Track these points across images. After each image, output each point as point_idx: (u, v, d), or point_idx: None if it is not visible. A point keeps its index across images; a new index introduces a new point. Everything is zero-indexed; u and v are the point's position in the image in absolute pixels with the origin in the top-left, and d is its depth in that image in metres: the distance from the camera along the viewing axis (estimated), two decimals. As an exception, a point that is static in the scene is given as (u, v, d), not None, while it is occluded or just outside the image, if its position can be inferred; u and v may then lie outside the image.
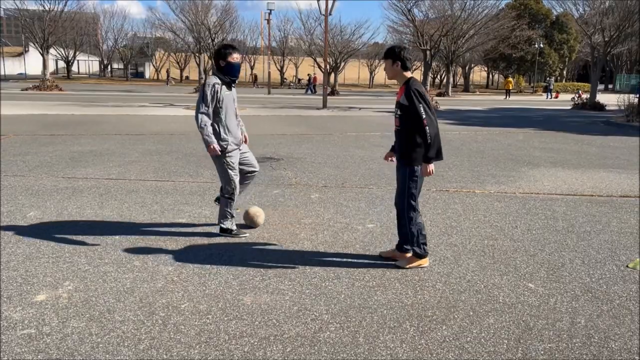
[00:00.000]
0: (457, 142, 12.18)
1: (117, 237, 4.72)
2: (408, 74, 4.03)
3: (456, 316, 3.33)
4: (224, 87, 4.49)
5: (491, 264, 4.27)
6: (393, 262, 4.20)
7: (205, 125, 4.44)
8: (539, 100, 37.87)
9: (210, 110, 4.46)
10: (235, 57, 4.52)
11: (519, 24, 43.98)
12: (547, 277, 4.00)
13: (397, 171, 4.19)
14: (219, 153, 4.52)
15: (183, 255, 4.29)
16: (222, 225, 4.78)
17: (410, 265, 4.12)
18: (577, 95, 38.32)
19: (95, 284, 3.67)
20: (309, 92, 41.39)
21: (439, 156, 3.97)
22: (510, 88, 42.39)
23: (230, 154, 4.61)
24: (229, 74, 4.52)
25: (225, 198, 4.73)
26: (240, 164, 4.76)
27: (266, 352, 2.85)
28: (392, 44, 4.63)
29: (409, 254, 4.21)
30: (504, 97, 40.95)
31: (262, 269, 4.02)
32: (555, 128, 16.34)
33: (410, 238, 4.11)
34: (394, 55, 3.97)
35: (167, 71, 55.61)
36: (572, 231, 5.23)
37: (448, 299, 3.57)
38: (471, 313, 3.37)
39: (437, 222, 5.42)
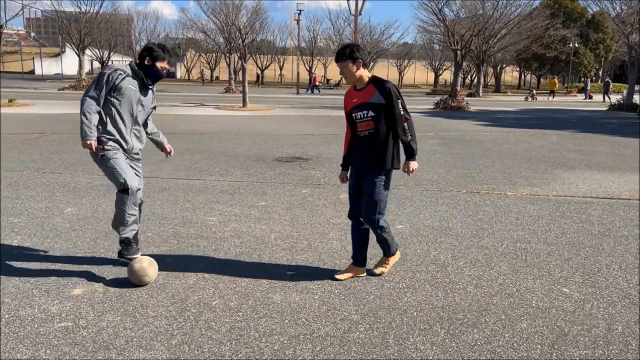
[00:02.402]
0: (488, 143, 11.99)
1: (149, 233, 4.82)
2: (368, 73, 3.78)
3: (488, 320, 3.28)
4: (129, 79, 3.78)
5: (524, 267, 4.19)
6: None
7: (89, 111, 3.66)
8: (574, 102, 36.95)
9: (102, 95, 3.71)
10: (166, 66, 3.90)
11: (553, 23, 43.03)
12: (582, 282, 3.91)
13: (357, 180, 3.81)
14: (94, 150, 3.70)
15: (214, 253, 4.35)
16: (121, 235, 3.96)
17: (387, 268, 3.96)
18: (530, 95, 37.37)
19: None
20: (309, 91, 41.11)
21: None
22: (556, 89, 41.60)
23: (108, 146, 3.80)
24: (148, 76, 3.86)
25: (119, 194, 3.92)
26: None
27: (296, 351, 2.87)
28: (344, 44, 4.11)
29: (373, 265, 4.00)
30: (548, 97, 40.10)
31: (291, 268, 4.04)
32: (590, 130, 15.93)
33: (384, 243, 3.90)
34: (352, 56, 3.66)
35: (202, 72, 57.14)
36: (608, 235, 5.09)
37: (479, 302, 3.52)
38: (503, 317, 3.32)
39: (468, 224, 5.34)
